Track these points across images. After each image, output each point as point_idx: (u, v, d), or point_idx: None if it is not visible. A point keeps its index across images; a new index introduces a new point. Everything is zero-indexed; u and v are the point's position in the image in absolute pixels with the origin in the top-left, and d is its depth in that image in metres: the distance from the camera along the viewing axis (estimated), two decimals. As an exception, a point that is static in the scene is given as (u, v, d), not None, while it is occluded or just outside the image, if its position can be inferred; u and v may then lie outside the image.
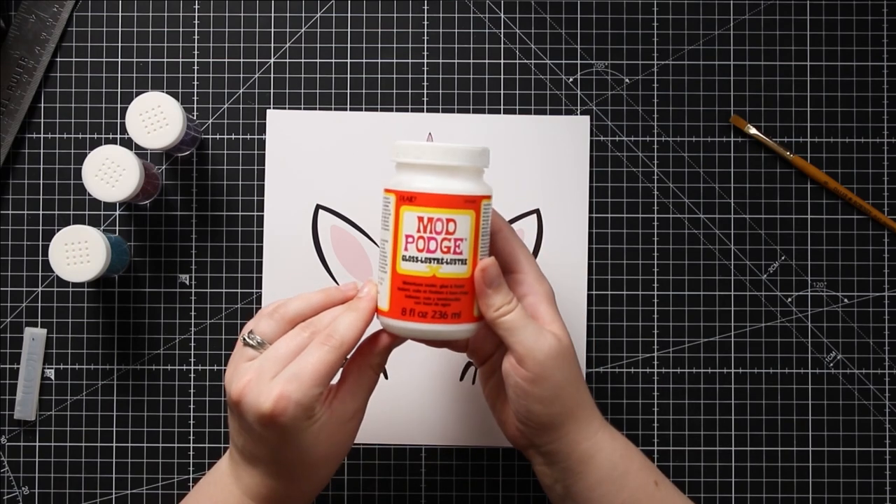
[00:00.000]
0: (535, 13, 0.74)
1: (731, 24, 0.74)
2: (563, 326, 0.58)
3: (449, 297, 0.55)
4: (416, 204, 0.55)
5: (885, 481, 0.72)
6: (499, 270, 0.56)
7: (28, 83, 0.73)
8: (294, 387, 0.53)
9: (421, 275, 0.55)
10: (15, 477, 0.72)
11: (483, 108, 0.73)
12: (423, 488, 0.72)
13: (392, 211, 0.55)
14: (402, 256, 0.55)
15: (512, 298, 0.56)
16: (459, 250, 0.55)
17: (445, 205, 0.55)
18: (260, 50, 0.74)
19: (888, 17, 0.74)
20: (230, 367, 0.57)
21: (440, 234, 0.55)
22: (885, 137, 0.73)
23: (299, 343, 0.55)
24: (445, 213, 0.55)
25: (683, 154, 0.73)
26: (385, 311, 0.56)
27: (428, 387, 0.72)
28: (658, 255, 0.73)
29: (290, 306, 0.58)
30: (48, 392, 0.73)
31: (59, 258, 0.66)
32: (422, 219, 0.55)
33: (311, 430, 0.54)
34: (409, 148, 0.55)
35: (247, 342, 0.56)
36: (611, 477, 0.58)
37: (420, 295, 0.55)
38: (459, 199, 0.55)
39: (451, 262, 0.55)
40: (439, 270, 0.55)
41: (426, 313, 0.55)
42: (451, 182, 0.55)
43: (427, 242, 0.55)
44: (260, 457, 0.56)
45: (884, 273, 0.73)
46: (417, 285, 0.55)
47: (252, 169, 0.73)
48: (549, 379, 0.56)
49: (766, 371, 0.73)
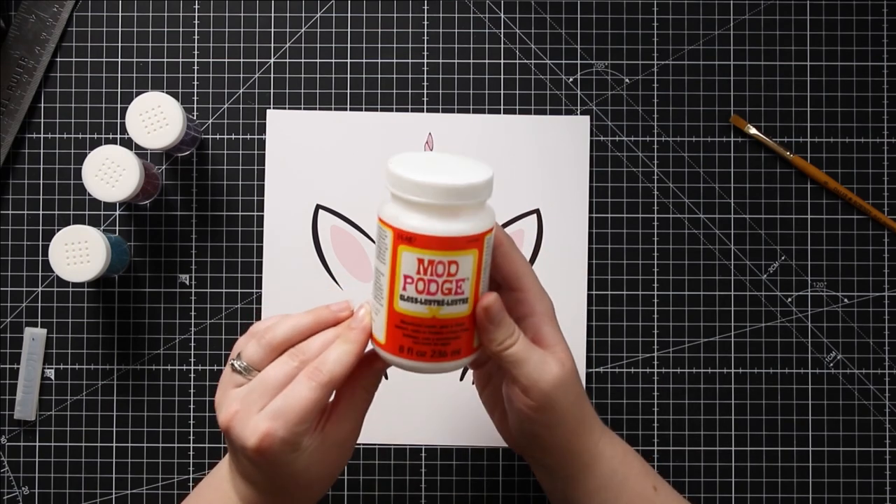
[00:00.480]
0: (535, 13, 0.74)
1: (731, 24, 0.74)
2: (566, 347, 0.56)
3: (449, 337, 0.52)
4: (416, 245, 0.50)
5: (885, 481, 0.72)
6: (501, 305, 0.53)
7: (28, 83, 0.73)
8: (279, 424, 0.51)
9: (420, 316, 0.51)
10: (15, 477, 0.72)
11: (483, 108, 0.73)
12: (423, 488, 0.72)
13: (389, 246, 0.51)
14: (401, 296, 0.51)
15: (514, 331, 0.54)
16: (461, 290, 0.51)
17: (447, 247, 0.50)
18: (260, 50, 0.74)
19: (888, 17, 0.74)
20: (219, 391, 0.55)
21: (441, 276, 0.51)
22: (885, 137, 0.73)
23: (287, 372, 0.53)
24: (447, 256, 0.50)
25: (683, 154, 0.73)
26: (382, 343, 0.53)
27: (428, 387, 0.72)
28: (658, 255, 0.73)
29: (277, 331, 0.55)
30: (48, 392, 0.73)
31: (59, 258, 0.66)
32: (422, 261, 0.50)
33: (301, 457, 0.53)
34: (408, 184, 0.50)
35: (234, 368, 0.55)
36: (610, 483, 0.58)
37: (419, 335, 0.52)
38: (462, 241, 0.50)
39: (453, 303, 0.52)
40: (440, 312, 0.51)
41: (425, 353, 0.52)
42: (453, 224, 0.50)
43: (427, 284, 0.51)
44: (253, 478, 0.56)
45: (884, 273, 0.73)
46: (416, 325, 0.52)
47: (252, 169, 0.73)
48: (554, 407, 0.55)
49: (766, 371, 0.73)
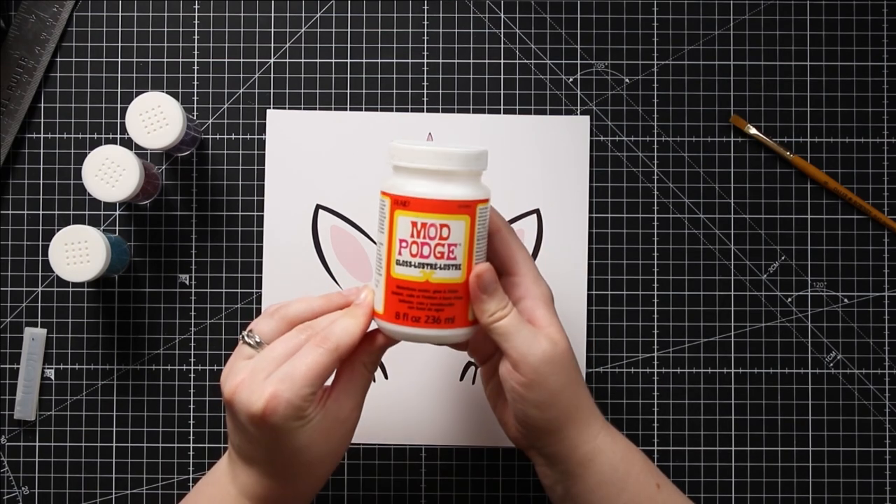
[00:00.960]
0: (535, 13, 0.74)
1: (731, 24, 0.74)
2: (561, 330, 0.58)
3: (442, 303, 0.55)
4: (410, 209, 0.54)
5: (885, 481, 0.72)
6: (494, 276, 0.56)
7: (28, 83, 0.73)
8: (286, 386, 0.53)
9: (414, 280, 0.55)
10: (15, 477, 0.72)
11: (483, 108, 0.73)
12: (423, 488, 0.72)
13: (387, 214, 0.55)
14: (396, 260, 0.55)
15: (507, 304, 0.56)
16: (453, 255, 0.55)
17: (439, 210, 0.54)
18: (260, 50, 0.74)
19: (888, 17, 0.74)
20: (228, 365, 0.57)
21: (433, 239, 0.54)
22: (885, 137, 0.73)
23: (296, 344, 0.55)
24: (439, 219, 0.54)
25: (683, 154, 0.73)
26: (380, 313, 0.56)
27: (428, 387, 0.72)
28: (658, 255, 0.73)
29: (291, 308, 0.58)
30: (48, 392, 0.73)
31: (59, 258, 0.66)
32: (415, 224, 0.54)
33: (304, 430, 0.54)
34: (404, 151, 0.55)
35: (245, 341, 0.57)
36: (611, 480, 0.58)
37: (413, 300, 0.55)
38: (454, 205, 0.54)
39: (445, 268, 0.55)
40: (432, 276, 0.55)
41: (419, 318, 0.55)
42: (445, 187, 0.54)
43: (420, 248, 0.54)
44: (255, 457, 0.56)
45: (884, 273, 0.73)
46: (411, 290, 0.55)
47: (252, 169, 0.73)
48: (544, 384, 0.56)
49: (766, 371, 0.73)
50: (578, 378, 0.58)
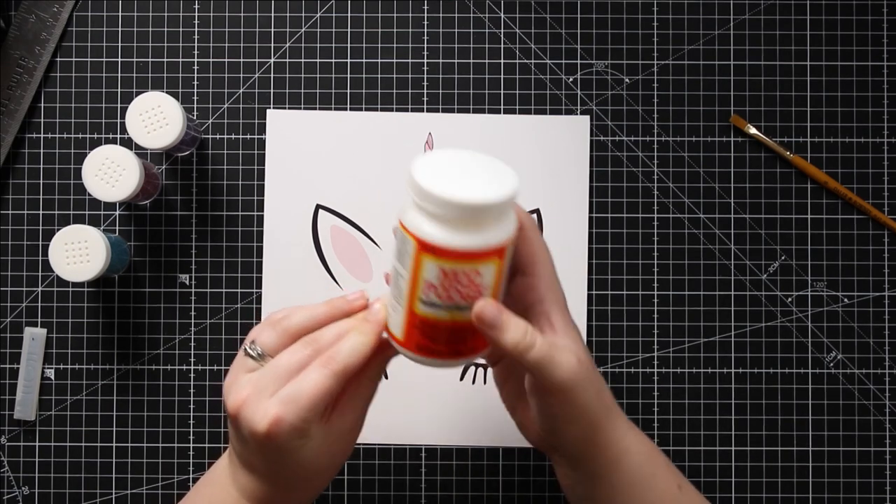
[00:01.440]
0: (535, 13, 0.74)
1: (731, 24, 0.74)
2: (578, 336, 0.55)
3: (467, 336, 0.53)
4: (439, 256, 0.49)
5: (886, 481, 0.72)
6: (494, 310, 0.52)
7: (28, 83, 0.73)
8: (290, 409, 0.51)
9: (440, 319, 0.52)
10: (15, 477, 0.72)
11: (483, 108, 0.73)
12: (423, 488, 0.72)
13: (410, 252, 0.50)
14: (421, 300, 0.51)
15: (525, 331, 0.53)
16: (481, 294, 0.51)
17: (470, 259, 0.50)
18: (260, 50, 0.74)
19: (888, 17, 0.74)
20: (230, 376, 0.56)
21: (463, 285, 0.50)
22: (885, 137, 0.73)
23: (300, 360, 0.53)
24: (470, 266, 0.50)
25: (683, 154, 0.73)
26: (401, 340, 0.53)
27: (428, 387, 0.72)
28: (658, 255, 0.73)
29: (293, 318, 0.55)
30: (48, 392, 0.73)
31: (59, 258, 0.66)
32: (444, 271, 0.50)
33: (307, 447, 0.53)
34: (430, 196, 0.48)
35: (248, 353, 0.55)
36: (637, 479, 0.57)
37: (439, 336, 0.52)
38: (486, 252, 0.50)
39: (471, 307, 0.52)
40: (460, 315, 0.52)
41: (443, 351, 0.53)
42: (477, 237, 0.49)
43: (449, 292, 0.51)
44: (256, 466, 0.56)
45: (884, 273, 0.73)
46: (436, 328, 0.52)
47: (252, 169, 0.73)
48: (575, 400, 0.54)
49: (766, 371, 0.73)
50: (602, 382, 0.57)
